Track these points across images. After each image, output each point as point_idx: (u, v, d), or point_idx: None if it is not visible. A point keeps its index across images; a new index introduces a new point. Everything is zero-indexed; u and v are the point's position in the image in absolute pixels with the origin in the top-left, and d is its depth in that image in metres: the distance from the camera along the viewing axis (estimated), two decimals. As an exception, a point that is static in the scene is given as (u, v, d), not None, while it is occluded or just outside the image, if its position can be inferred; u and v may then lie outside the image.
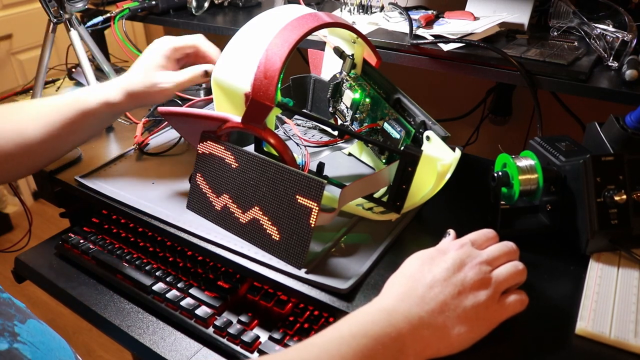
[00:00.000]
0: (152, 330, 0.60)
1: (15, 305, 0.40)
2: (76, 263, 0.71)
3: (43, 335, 0.39)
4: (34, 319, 0.40)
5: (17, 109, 0.67)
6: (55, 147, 0.67)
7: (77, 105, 0.66)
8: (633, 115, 0.55)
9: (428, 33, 0.80)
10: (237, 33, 0.61)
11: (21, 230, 2.02)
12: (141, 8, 1.06)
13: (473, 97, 1.09)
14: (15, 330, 0.37)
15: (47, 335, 0.40)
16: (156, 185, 0.69)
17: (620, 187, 0.53)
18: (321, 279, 0.52)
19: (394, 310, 0.44)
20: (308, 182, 0.52)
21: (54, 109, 0.65)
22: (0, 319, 0.37)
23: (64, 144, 0.68)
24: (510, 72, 0.73)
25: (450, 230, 0.53)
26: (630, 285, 0.51)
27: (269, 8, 0.62)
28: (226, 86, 0.60)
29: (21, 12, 1.87)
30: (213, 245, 0.58)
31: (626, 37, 0.69)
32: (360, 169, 0.73)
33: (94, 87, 0.71)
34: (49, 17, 0.88)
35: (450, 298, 0.45)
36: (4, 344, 0.35)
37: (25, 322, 0.39)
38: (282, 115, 0.63)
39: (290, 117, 0.71)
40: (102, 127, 0.77)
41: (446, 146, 0.56)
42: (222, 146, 0.59)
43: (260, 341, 0.55)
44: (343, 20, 0.62)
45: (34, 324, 0.39)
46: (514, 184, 0.58)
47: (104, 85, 0.68)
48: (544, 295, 0.51)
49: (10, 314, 0.38)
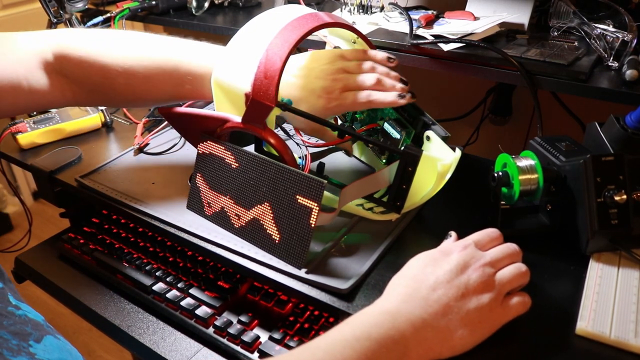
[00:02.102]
0: (152, 330, 0.59)
1: (32, 321, 0.40)
2: (76, 263, 0.70)
3: (60, 352, 0.39)
4: (51, 334, 0.40)
5: (125, 38, 0.66)
6: (135, 95, 0.66)
7: (175, 71, 0.63)
8: (633, 115, 0.55)
9: (428, 33, 0.80)
10: (238, 33, 0.61)
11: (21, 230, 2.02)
12: (141, 8, 1.06)
13: (473, 97, 1.09)
14: (30, 351, 0.36)
15: (64, 351, 0.39)
16: (156, 185, 0.69)
17: (621, 187, 0.53)
18: (321, 279, 0.52)
19: (397, 313, 0.44)
20: (308, 182, 0.52)
21: (151, 59, 0.63)
22: (15, 339, 0.37)
23: (144, 96, 0.66)
24: (510, 72, 0.73)
25: (451, 232, 0.53)
26: (631, 285, 0.51)
27: (269, 8, 0.62)
28: (226, 86, 0.60)
29: (21, 12, 1.87)
30: (213, 245, 0.58)
31: (626, 37, 0.69)
32: (360, 169, 0.73)
33: (205, 56, 0.64)
34: (49, 17, 0.89)
35: (454, 300, 0.45)
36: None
37: (42, 340, 0.38)
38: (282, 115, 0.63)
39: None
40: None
41: (446, 146, 0.56)
42: (222, 146, 0.59)
43: (260, 341, 0.55)
44: (343, 20, 0.62)
45: (50, 341, 0.39)
46: (514, 184, 0.58)
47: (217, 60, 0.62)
48: (544, 295, 0.51)
49: (25, 333, 0.38)
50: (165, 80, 0.64)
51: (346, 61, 0.61)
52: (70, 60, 0.63)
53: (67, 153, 0.78)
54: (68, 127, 0.82)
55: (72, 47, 0.63)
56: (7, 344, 0.36)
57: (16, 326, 0.38)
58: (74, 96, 0.67)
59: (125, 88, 0.65)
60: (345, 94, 0.59)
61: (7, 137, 0.80)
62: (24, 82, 0.61)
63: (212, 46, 0.65)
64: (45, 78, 0.63)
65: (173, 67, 0.63)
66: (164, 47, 0.65)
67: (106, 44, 0.64)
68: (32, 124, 0.81)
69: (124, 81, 0.64)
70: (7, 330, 0.37)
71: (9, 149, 0.80)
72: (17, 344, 0.36)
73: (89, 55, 0.63)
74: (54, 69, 0.64)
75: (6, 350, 0.35)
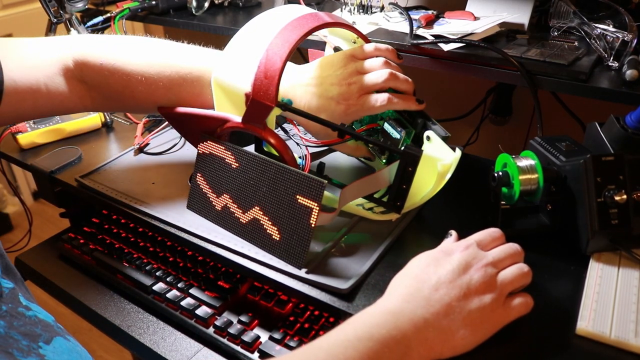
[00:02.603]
0: (153, 330, 0.59)
1: (42, 322, 0.40)
2: (76, 263, 0.71)
3: (70, 354, 0.39)
4: (62, 335, 0.40)
5: (146, 45, 0.65)
6: (150, 100, 0.66)
7: (197, 80, 0.63)
8: (633, 115, 0.55)
9: (428, 33, 0.80)
10: (238, 33, 0.61)
11: (21, 230, 2.02)
12: (141, 8, 1.06)
13: (473, 97, 1.09)
14: (40, 352, 0.36)
15: (74, 353, 0.40)
16: (156, 185, 0.69)
17: (621, 187, 0.53)
18: (321, 279, 0.52)
19: (400, 313, 0.44)
20: (308, 182, 0.52)
21: (175, 68, 0.63)
22: (25, 340, 0.37)
23: (162, 99, 0.66)
24: (510, 72, 0.73)
25: (451, 231, 0.53)
26: (631, 285, 0.51)
27: (269, 8, 0.62)
28: (226, 86, 0.60)
29: (21, 12, 1.87)
30: (213, 245, 0.58)
31: (626, 37, 0.69)
32: (360, 169, 0.73)
33: (223, 63, 0.63)
34: (49, 17, 0.89)
35: (456, 300, 0.45)
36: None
37: (51, 342, 0.38)
38: (283, 115, 0.63)
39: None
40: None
41: (446, 146, 0.56)
42: (222, 146, 0.59)
43: (260, 341, 0.55)
44: (343, 20, 0.62)
45: (60, 342, 0.39)
46: (514, 184, 0.58)
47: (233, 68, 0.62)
48: (545, 295, 0.51)
49: (35, 335, 0.38)
50: (187, 89, 0.64)
51: (358, 61, 0.61)
52: (91, 68, 0.63)
53: (67, 153, 0.78)
54: (68, 127, 0.82)
55: (93, 55, 0.63)
56: (17, 345, 0.36)
57: (26, 327, 0.38)
58: (92, 102, 0.67)
59: (145, 96, 0.65)
60: (364, 98, 0.59)
61: (7, 137, 0.80)
62: (42, 87, 0.61)
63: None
64: (64, 84, 0.63)
65: (196, 77, 0.63)
66: (186, 56, 0.64)
67: (128, 52, 0.64)
68: (32, 123, 0.81)
69: (145, 89, 0.64)
70: (18, 331, 0.37)
71: (9, 149, 0.80)
72: (27, 344, 0.36)
73: (109, 63, 0.63)
74: (74, 75, 0.64)
75: (16, 351, 0.35)
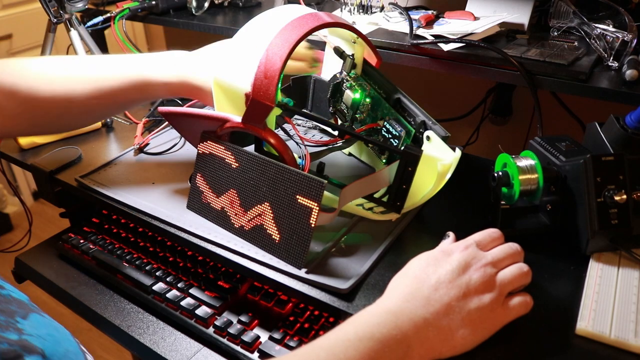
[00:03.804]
0: (152, 330, 0.60)
1: (16, 300, 0.40)
2: (76, 263, 0.71)
3: (47, 328, 0.39)
4: (37, 312, 0.40)
5: (67, 64, 0.65)
6: (97, 113, 0.67)
7: (138, 84, 0.64)
8: (633, 115, 0.55)
9: (428, 33, 0.80)
10: (238, 33, 0.61)
11: (21, 230, 2.02)
12: (141, 8, 1.06)
13: (473, 97, 1.09)
14: (18, 327, 0.37)
15: (51, 327, 0.40)
16: (156, 185, 0.69)
17: (621, 187, 0.53)
18: (321, 279, 0.52)
19: (400, 312, 0.44)
20: (308, 182, 0.52)
21: (109, 78, 0.63)
22: (2, 316, 0.37)
23: (108, 111, 0.67)
24: (510, 72, 0.73)
25: (449, 232, 0.53)
26: (631, 285, 0.51)
27: (269, 8, 0.62)
28: (226, 86, 0.60)
29: (21, 12, 1.87)
30: (213, 245, 0.58)
31: (626, 37, 0.69)
32: (360, 169, 0.73)
33: (160, 65, 0.65)
34: (49, 17, 0.89)
35: (455, 300, 0.45)
36: (13, 335, 0.35)
37: (27, 317, 0.39)
38: (283, 115, 0.63)
39: (290, 117, 0.71)
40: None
41: (446, 146, 0.56)
42: (222, 146, 0.59)
43: (260, 341, 0.55)
44: (343, 20, 0.62)
45: (36, 318, 0.39)
46: (514, 184, 0.58)
47: (169, 67, 0.64)
48: (545, 295, 0.51)
49: (11, 311, 0.38)
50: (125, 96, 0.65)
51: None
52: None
53: (67, 153, 0.78)
54: (68, 127, 0.82)
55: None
56: None
57: (1, 305, 0.38)
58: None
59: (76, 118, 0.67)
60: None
61: (7, 137, 0.80)
62: None
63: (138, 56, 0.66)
64: None
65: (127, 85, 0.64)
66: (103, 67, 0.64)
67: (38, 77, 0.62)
68: (32, 124, 0.81)
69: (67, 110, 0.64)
70: None
71: (9, 149, 0.80)
72: (4, 319, 0.37)
73: (24, 91, 0.61)
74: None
75: None
